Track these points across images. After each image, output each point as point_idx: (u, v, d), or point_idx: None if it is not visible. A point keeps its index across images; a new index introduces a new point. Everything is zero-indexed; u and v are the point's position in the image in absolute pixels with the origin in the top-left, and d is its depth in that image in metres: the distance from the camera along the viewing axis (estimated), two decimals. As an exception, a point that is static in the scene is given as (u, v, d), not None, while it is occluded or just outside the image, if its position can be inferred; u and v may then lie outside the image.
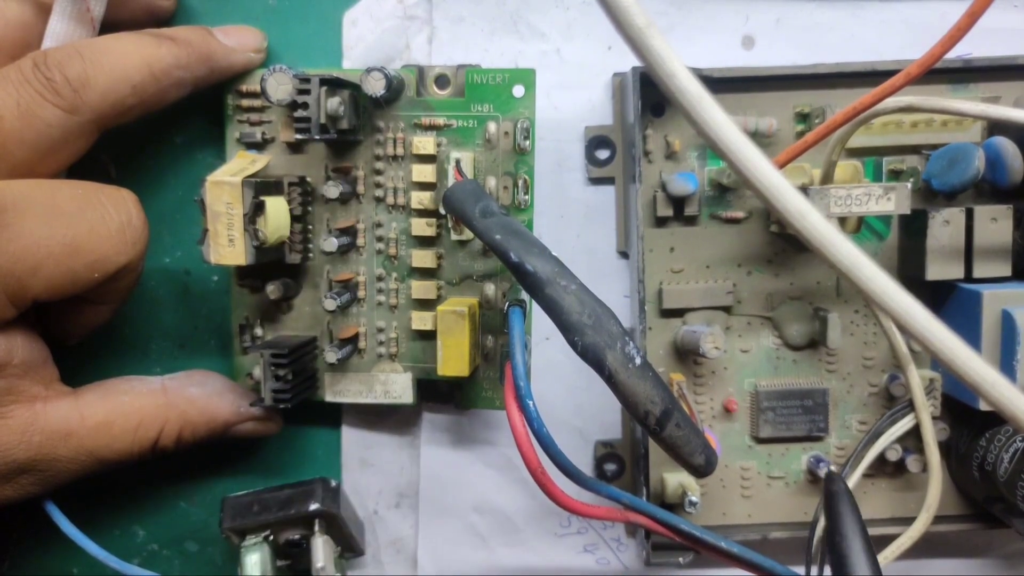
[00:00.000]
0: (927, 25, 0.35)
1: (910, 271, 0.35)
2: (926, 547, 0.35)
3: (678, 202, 0.35)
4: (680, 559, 0.35)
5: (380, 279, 0.35)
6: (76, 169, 0.36)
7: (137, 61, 0.30)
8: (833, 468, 0.35)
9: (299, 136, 0.31)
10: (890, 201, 0.32)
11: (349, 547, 0.36)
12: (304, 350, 0.34)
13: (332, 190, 0.33)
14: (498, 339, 0.35)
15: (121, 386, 0.33)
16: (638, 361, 0.25)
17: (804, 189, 0.33)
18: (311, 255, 0.35)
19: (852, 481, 0.34)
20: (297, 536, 0.35)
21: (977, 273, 0.33)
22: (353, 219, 0.34)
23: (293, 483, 0.36)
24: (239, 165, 0.32)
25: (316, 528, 0.35)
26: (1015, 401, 0.19)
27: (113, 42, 0.30)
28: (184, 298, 0.37)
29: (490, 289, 0.34)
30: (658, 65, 0.19)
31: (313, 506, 0.34)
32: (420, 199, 0.34)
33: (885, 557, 0.33)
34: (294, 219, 0.33)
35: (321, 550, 0.34)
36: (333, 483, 0.36)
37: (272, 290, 0.34)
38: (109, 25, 0.32)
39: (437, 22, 0.36)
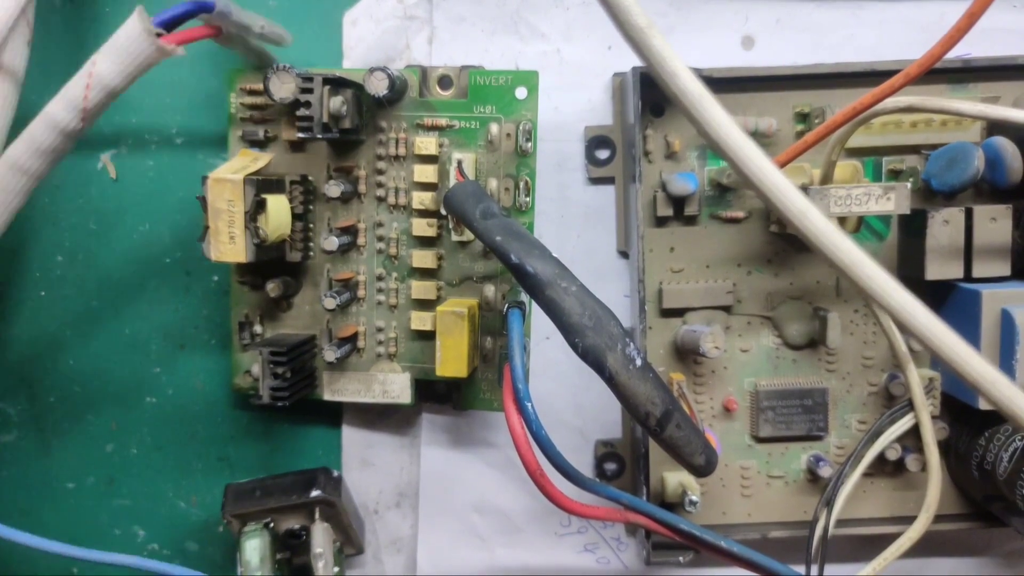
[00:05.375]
0: (927, 25, 0.35)
1: (910, 271, 0.35)
2: (926, 546, 0.35)
3: (678, 202, 0.35)
4: (680, 558, 0.35)
5: (380, 279, 0.35)
6: (75, 171, 0.36)
7: None
8: (833, 467, 0.35)
9: (301, 135, 0.31)
10: (890, 201, 0.32)
11: (348, 540, 0.36)
12: (303, 348, 0.34)
13: (333, 189, 0.33)
14: (497, 341, 0.35)
15: None
16: (638, 362, 0.25)
17: (804, 189, 0.33)
18: (311, 254, 0.35)
19: (852, 480, 0.34)
20: (297, 527, 0.35)
21: (976, 273, 0.33)
22: (354, 218, 0.35)
23: (296, 471, 0.36)
24: (241, 163, 0.33)
25: (316, 516, 0.35)
26: (1014, 400, 0.19)
27: None
28: (184, 298, 0.37)
29: (490, 290, 0.34)
30: (659, 65, 0.19)
31: (315, 493, 0.35)
32: (421, 199, 0.34)
33: (885, 558, 0.33)
34: (295, 217, 0.33)
35: (320, 536, 0.34)
36: (335, 473, 0.36)
37: (272, 288, 0.34)
38: None
39: (437, 22, 0.36)
